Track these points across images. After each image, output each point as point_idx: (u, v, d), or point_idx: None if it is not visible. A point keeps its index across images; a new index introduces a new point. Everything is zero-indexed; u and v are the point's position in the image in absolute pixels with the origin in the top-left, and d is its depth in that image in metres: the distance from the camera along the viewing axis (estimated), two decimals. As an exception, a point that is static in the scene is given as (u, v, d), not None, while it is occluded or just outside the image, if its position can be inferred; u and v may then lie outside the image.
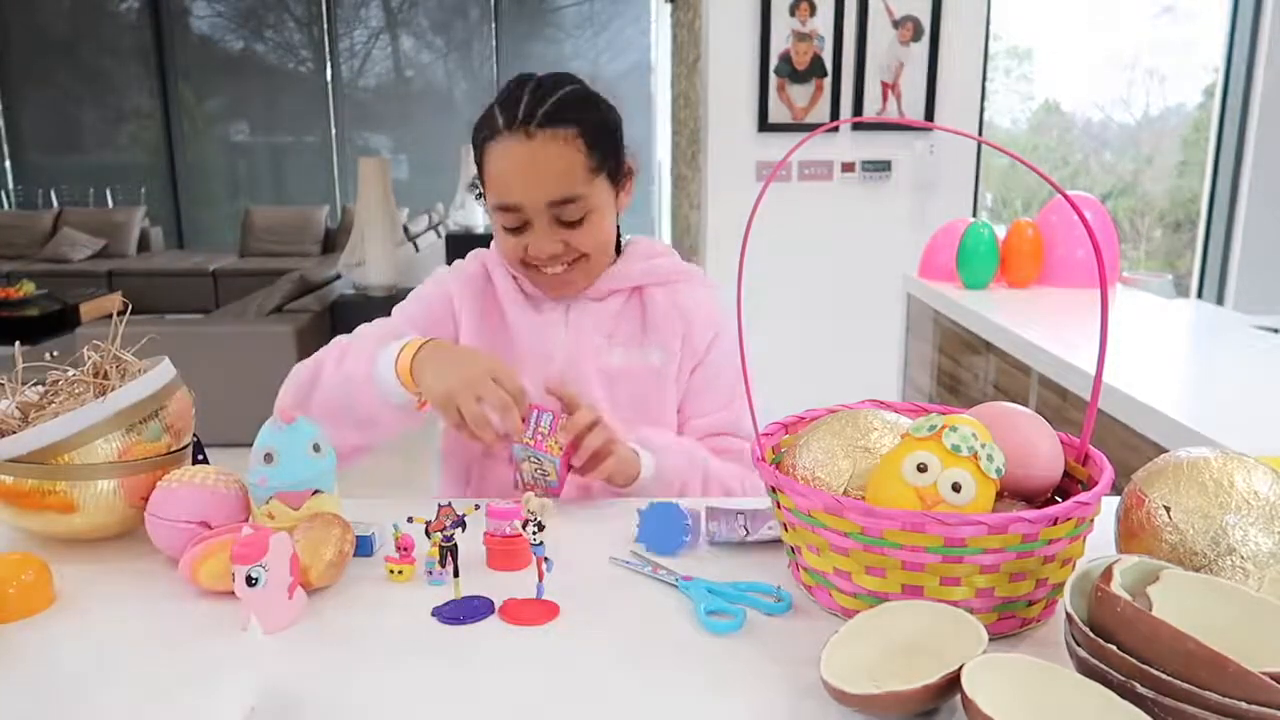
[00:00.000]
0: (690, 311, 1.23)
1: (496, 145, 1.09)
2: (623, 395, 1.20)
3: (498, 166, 1.10)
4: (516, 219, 1.11)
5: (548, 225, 1.11)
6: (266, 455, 0.88)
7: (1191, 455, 0.75)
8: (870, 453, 0.81)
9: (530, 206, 1.10)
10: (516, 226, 1.12)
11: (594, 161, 1.11)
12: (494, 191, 1.11)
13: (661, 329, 1.22)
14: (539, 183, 1.08)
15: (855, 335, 3.50)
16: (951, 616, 0.68)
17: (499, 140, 1.09)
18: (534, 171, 1.08)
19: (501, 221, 1.13)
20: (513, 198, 1.10)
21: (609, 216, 1.17)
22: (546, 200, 1.09)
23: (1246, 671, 0.53)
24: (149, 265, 7.10)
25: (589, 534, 0.97)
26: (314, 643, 0.76)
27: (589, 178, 1.11)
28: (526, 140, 1.07)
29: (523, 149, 1.07)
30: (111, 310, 0.97)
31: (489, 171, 1.11)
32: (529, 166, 1.08)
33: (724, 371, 1.25)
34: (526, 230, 1.12)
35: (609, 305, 1.22)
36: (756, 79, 3.33)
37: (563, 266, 1.15)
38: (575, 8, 7.66)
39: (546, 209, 1.10)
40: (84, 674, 0.72)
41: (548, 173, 1.08)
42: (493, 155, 1.10)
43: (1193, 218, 4.61)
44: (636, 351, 1.21)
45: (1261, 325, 2.02)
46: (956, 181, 3.46)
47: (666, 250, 1.27)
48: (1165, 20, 5.22)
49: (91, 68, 7.76)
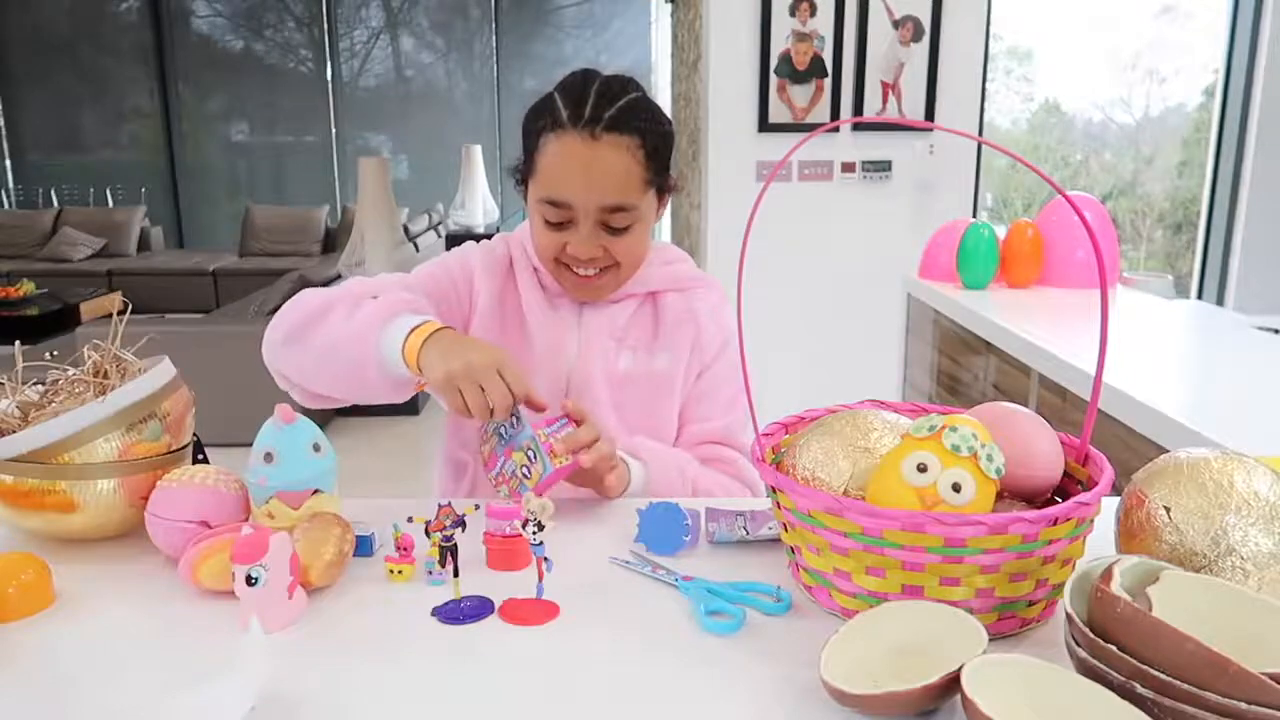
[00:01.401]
0: (703, 317, 1.23)
1: (557, 139, 1.07)
2: (628, 399, 1.20)
3: (556, 161, 1.08)
4: (563, 215, 1.10)
5: (593, 229, 1.10)
6: (266, 455, 0.88)
7: (1191, 455, 0.75)
8: (870, 453, 0.81)
9: (581, 207, 1.08)
10: (560, 222, 1.11)
11: (649, 174, 1.10)
12: (546, 185, 1.09)
13: (673, 334, 1.22)
14: (596, 186, 1.07)
15: (855, 335, 3.50)
16: (951, 616, 0.68)
17: (561, 135, 1.07)
18: (593, 174, 1.07)
19: (545, 215, 1.11)
20: (566, 195, 1.08)
21: (649, 228, 1.16)
22: (600, 204, 1.08)
23: (1247, 672, 0.53)
24: (149, 265, 7.10)
25: (589, 534, 0.97)
26: (314, 643, 0.76)
27: (643, 189, 1.10)
28: (591, 141, 1.06)
29: (586, 149, 1.06)
30: (111, 310, 0.97)
31: (544, 163, 1.09)
32: (589, 168, 1.07)
33: (728, 380, 1.25)
34: (568, 228, 1.11)
35: (624, 309, 1.22)
36: (756, 79, 3.33)
37: (595, 270, 1.14)
38: (575, 8, 7.66)
39: (597, 212, 1.09)
40: (84, 674, 0.72)
41: (607, 178, 1.07)
42: (551, 148, 1.08)
43: (1193, 218, 4.61)
44: (644, 356, 1.21)
45: (1261, 325, 2.02)
46: (956, 181, 3.46)
47: (683, 256, 1.27)
48: (1165, 20, 5.23)
49: (91, 68, 7.76)
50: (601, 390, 1.19)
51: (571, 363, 1.19)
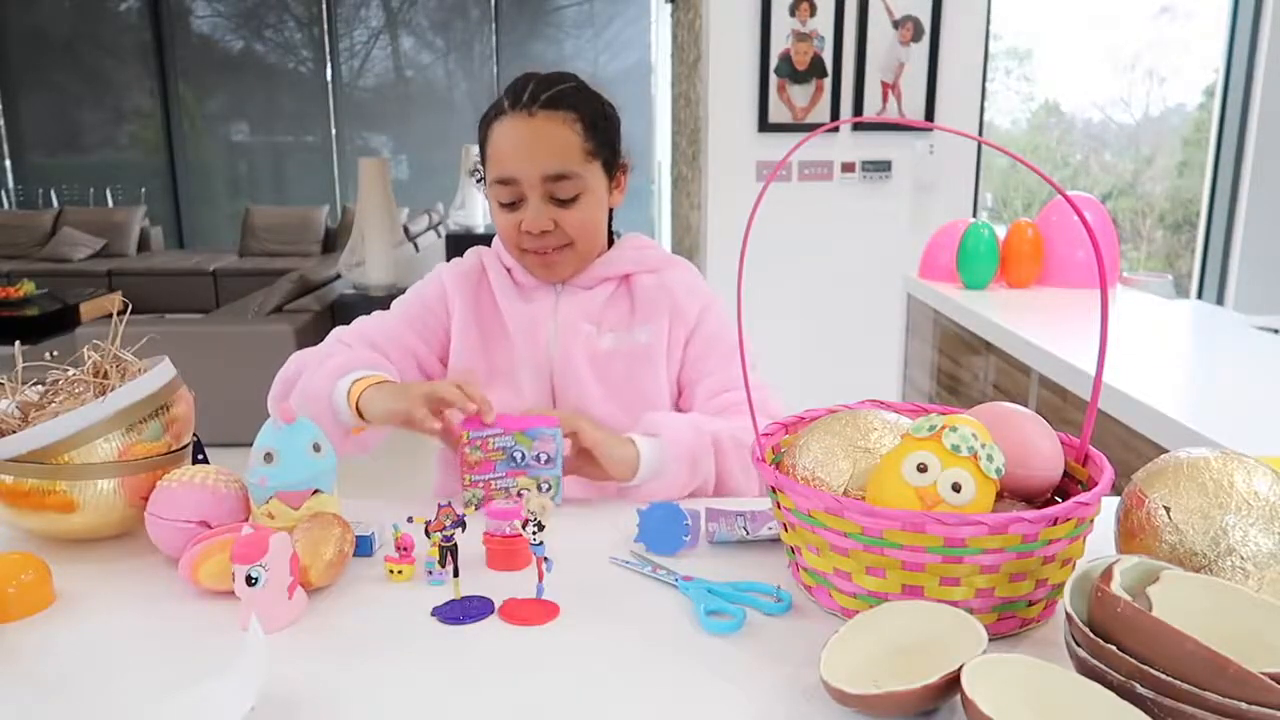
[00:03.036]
0: (677, 290, 1.26)
1: (499, 124, 1.16)
2: (614, 375, 1.24)
3: (499, 142, 1.16)
4: (512, 193, 1.16)
5: (541, 201, 1.16)
6: (266, 455, 0.88)
7: (1191, 455, 0.75)
8: (870, 453, 0.81)
9: (526, 180, 1.15)
10: (512, 201, 1.17)
11: (590, 145, 1.17)
12: (494, 167, 1.17)
13: (648, 309, 1.25)
14: (536, 157, 1.14)
15: (855, 335, 3.50)
16: (951, 616, 0.68)
17: (502, 119, 1.16)
18: (532, 146, 1.14)
19: (498, 197, 1.18)
20: (510, 170, 1.15)
21: (601, 205, 1.22)
22: (542, 174, 1.14)
23: (1246, 672, 0.53)
24: (149, 265, 7.09)
25: (589, 534, 0.97)
26: (314, 643, 0.76)
27: (584, 159, 1.17)
28: (528, 118, 1.14)
29: (524, 125, 1.14)
30: (111, 310, 0.97)
31: (491, 148, 1.17)
32: (528, 141, 1.14)
33: (719, 338, 1.27)
34: (521, 206, 1.17)
35: (598, 294, 1.25)
36: (756, 79, 3.34)
37: (551, 247, 1.19)
38: (575, 8, 7.66)
39: (541, 183, 1.15)
40: (84, 674, 0.72)
41: (545, 148, 1.15)
42: (495, 133, 1.16)
43: (1193, 218, 4.61)
44: (625, 334, 1.25)
45: (1261, 325, 2.02)
46: (956, 181, 3.46)
47: (654, 243, 1.32)
48: (1165, 20, 5.23)
49: (91, 68, 7.76)
50: (583, 368, 1.23)
51: (551, 347, 1.23)
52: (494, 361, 1.25)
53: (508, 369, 1.24)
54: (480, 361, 1.24)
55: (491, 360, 1.25)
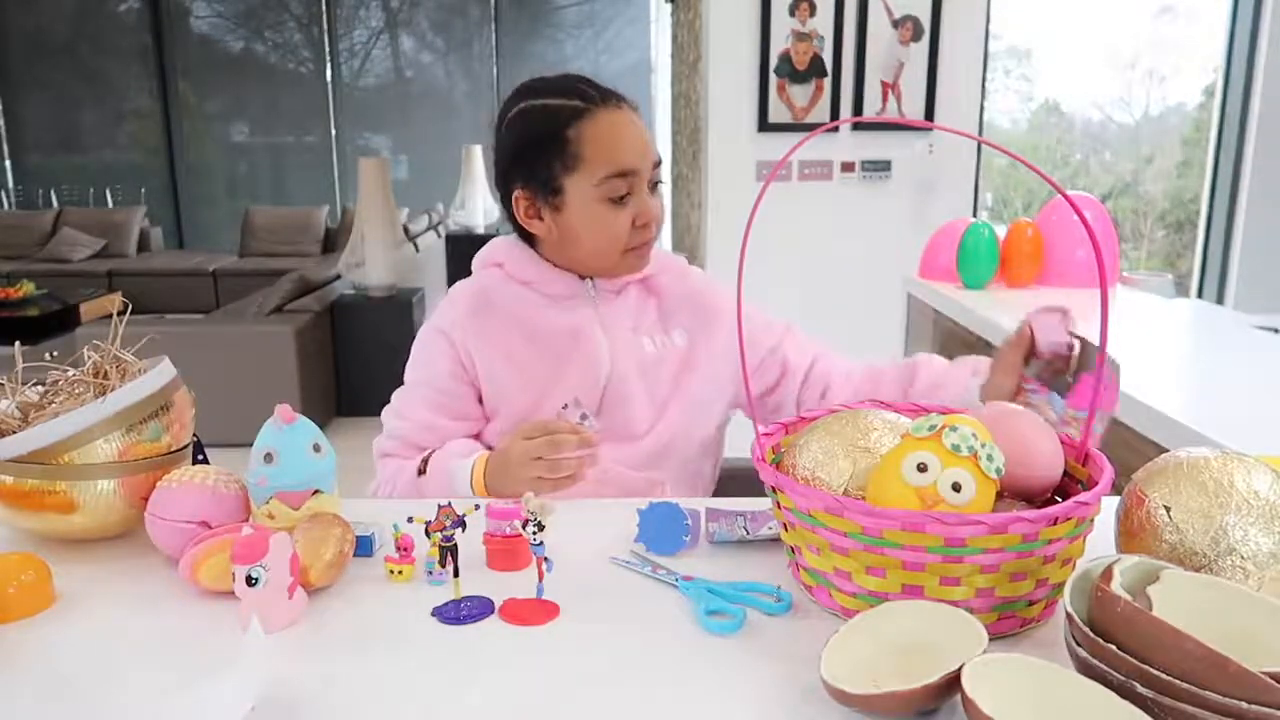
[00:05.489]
0: (699, 291, 1.28)
1: (591, 121, 1.12)
2: (656, 379, 1.22)
3: (604, 137, 1.12)
4: (629, 185, 1.14)
5: (648, 190, 1.16)
6: (266, 455, 0.88)
7: (1191, 455, 0.75)
8: (870, 453, 0.81)
9: (643, 168, 1.14)
10: (623, 195, 1.14)
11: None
12: (605, 162, 1.12)
13: (677, 313, 1.26)
14: (647, 145, 1.15)
15: (855, 335, 3.48)
16: (951, 616, 0.68)
17: (594, 114, 1.13)
18: (640, 135, 1.15)
19: (610, 193, 1.13)
20: (630, 161, 1.13)
21: None
22: (653, 161, 1.15)
23: (1246, 671, 0.53)
24: (149, 265, 7.09)
25: (589, 534, 0.97)
26: (314, 643, 0.76)
27: None
28: (623, 109, 1.14)
29: (623, 117, 1.14)
30: (111, 310, 0.97)
31: (594, 145, 1.12)
32: (635, 131, 1.15)
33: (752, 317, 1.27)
34: (629, 201, 1.15)
35: (628, 297, 1.24)
36: (756, 79, 3.33)
37: (652, 238, 1.19)
38: (575, 8, 7.66)
39: (652, 171, 1.16)
40: (84, 674, 0.72)
41: (646, 137, 1.16)
42: (592, 130, 1.12)
43: (1193, 218, 4.61)
44: (662, 338, 1.24)
45: (1261, 325, 2.02)
46: (956, 181, 3.46)
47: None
48: (1165, 20, 5.23)
49: (91, 68, 7.76)
50: (633, 375, 1.20)
51: (604, 355, 1.20)
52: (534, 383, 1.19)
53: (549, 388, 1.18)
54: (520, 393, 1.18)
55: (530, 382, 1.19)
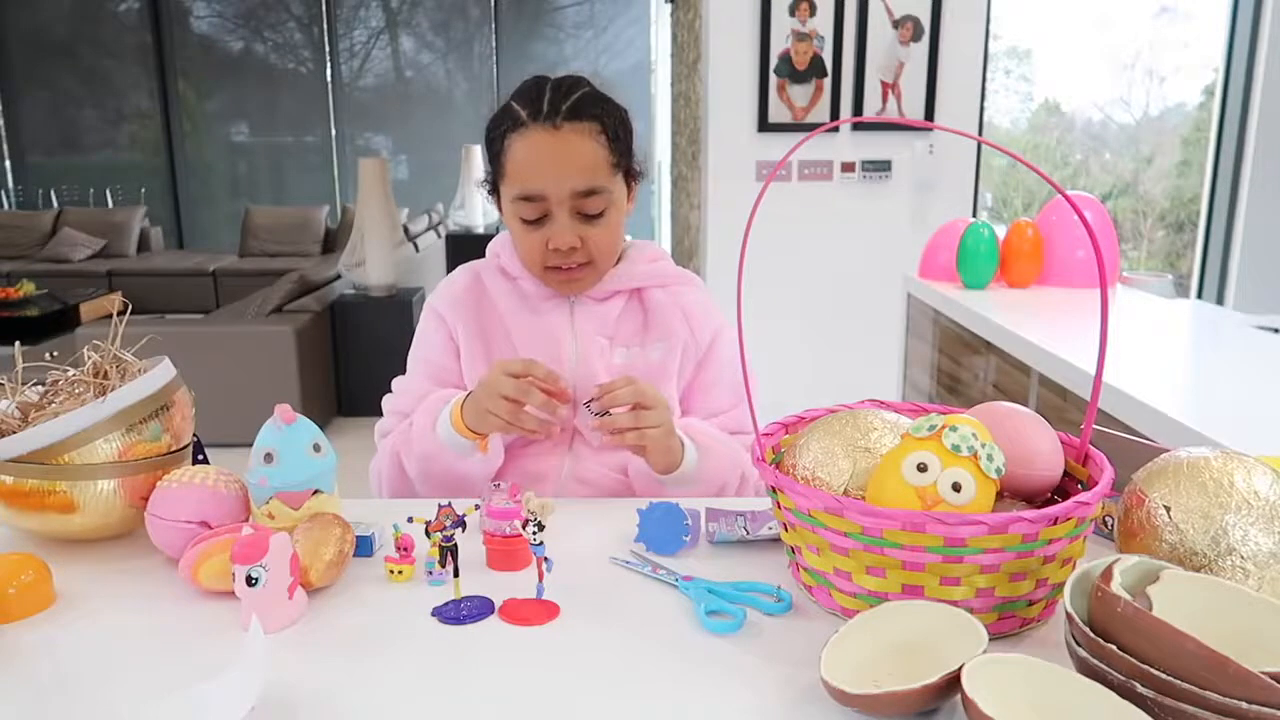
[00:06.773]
0: (690, 309, 1.25)
1: (521, 137, 1.10)
2: None
3: (523, 156, 1.10)
4: (538, 209, 1.11)
5: (568, 217, 1.12)
6: (266, 455, 0.88)
7: (1191, 455, 0.75)
8: (870, 453, 0.81)
9: (554, 196, 1.10)
10: (537, 218, 1.12)
11: (614, 157, 1.12)
12: (517, 182, 1.11)
13: (661, 326, 1.23)
14: (565, 172, 1.09)
15: (855, 335, 3.50)
16: (951, 616, 0.68)
17: (524, 132, 1.09)
18: (561, 161, 1.09)
19: (521, 214, 1.12)
20: (538, 186, 1.10)
21: (622, 217, 1.18)
22: (571, 190, 1.10)
23: (1246, 671, 0.53)
24: (149, 265, 7.10)
25: (589, 534, 0.97)
26: (314, 643, 0.76)
27: (610, 172, 1.12)
28: (554, 130, 1.08)
29: (550, 138, 1.09)
30: (111, 310, 0.97)
31: (512, 162, 1.11)
32: (556, 156, 1.09)
33: (728, 370, 1.26)
34: (546, 223, 1.12)
35: (611, 307, 1.22)
36: (756, 79, 3.34)
37: (576, 264, 1.16)
38: (575, 8, 7.66)
39: (570, 199, 1.10)
40: (84, 674, 0.72)
41: (574, 163, 1.09)
42: (517, 146, 1.10)
43: (1193, 218, 4.61)
44: (638, 350, 1.22)
45: (1261, 325, 2.02)
46: (956, 181, 3.46)
47: (664, 254, 1.29)
48: (1165, 20, 5.23)
49: (91, 68, 7.76)
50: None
51: (573, 363, 1.20)
52: None
53: None
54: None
55: None
